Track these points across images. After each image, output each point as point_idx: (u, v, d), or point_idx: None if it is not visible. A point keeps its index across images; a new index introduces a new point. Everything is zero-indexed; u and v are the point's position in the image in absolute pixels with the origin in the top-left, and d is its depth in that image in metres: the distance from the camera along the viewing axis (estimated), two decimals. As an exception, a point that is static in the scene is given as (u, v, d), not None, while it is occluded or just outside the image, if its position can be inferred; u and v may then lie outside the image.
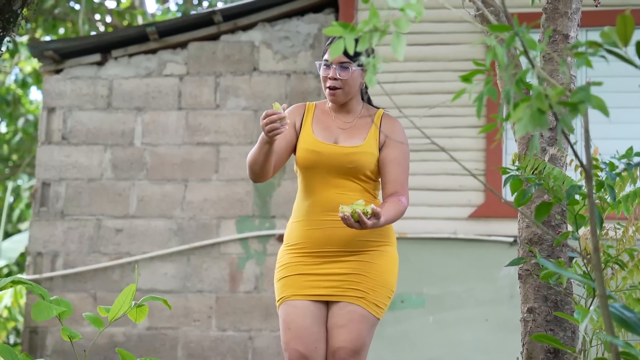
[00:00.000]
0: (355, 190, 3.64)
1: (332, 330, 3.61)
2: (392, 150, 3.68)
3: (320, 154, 3.65)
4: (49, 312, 2.80)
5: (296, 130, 3.76)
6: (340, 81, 3.65)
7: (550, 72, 3.43)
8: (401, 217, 3.64)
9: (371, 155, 3.66)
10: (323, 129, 3.74)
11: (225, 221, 7.63)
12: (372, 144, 3.68)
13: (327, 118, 3.77)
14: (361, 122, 3.74)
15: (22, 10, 3.62)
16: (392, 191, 3.66)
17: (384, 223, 3.50)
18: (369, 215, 3.39)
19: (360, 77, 3.70)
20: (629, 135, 6.72)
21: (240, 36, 7.88)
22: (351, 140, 3.69)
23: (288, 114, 3.76)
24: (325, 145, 3.67)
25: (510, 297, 6.98)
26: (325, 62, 3.67)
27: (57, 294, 7.65)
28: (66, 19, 13.29)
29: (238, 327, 7.48)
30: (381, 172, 3.70)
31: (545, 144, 3.46)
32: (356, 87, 3.70)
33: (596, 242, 1.88)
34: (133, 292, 2.92)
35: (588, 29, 6.66)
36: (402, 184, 3.68)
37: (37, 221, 7.83)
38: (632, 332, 1.90)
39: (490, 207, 7.08)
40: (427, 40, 7.35)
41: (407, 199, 3.67)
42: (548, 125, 1.68)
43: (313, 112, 3.80)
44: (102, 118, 7.90)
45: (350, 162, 3.63)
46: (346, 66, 3.63)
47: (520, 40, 1.80)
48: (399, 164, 3.68)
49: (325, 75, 3.68)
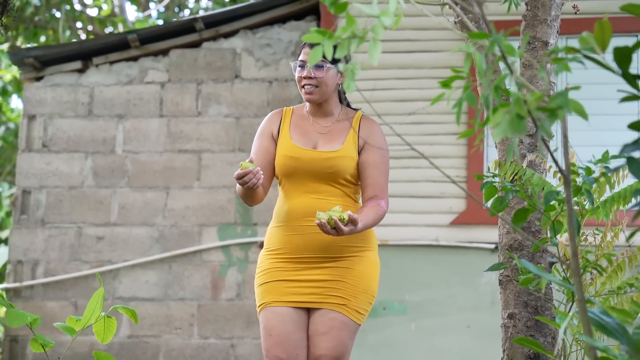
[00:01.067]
0: (336, 195, 3.64)
1: (313, 338, 3.60)
2: (371, 154, 3.67)
3: (299, 160, 3.64)
4: (23, 319, 2.78)
5: (274, 139, 3.75)
6: (316, 79, 3.64)
7: (530, 78, 3.44)
8: (380, 221, 3.64)
9: (350, 159, 3.65)
10: (301, 134, 3.73)
11: (207, 228, 7.62)
12: (351, 148, 3.67)
13: (305, 123, 3.76)
14: (340, 126, 3.73)
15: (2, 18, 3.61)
16: (371, 195, 3.65)
17: (362, 228, 3.50)
18: (345, 221, 3.40)
19: (336, 77, 3.69)
20: (607, 142, 6.73)
21: (222, 43, 7.88)
22: (330, 145, 3.68)
23: (266, 124, 3.77)
24: (303, 150, 3.67)
25: (491, 303, 6.99)
26: (300, 62, 3.67)
27: (37, 302, 7.62)
28: (47, 26, 13.25)
29: (220, 334, 7.47)
30: (360, 175, 3.68)
31: (525, 150, 3.48)
32: (332, 86, 3.68)
33: (575, 248, 1.89)
34: (102, 298, 2.90)
35: (568, 36, 6.70)
36: (382, 187, 3.67)
37: (18, 229, 7.79)
38: (611, 337, 1.91)
39: (471, 214, 7.10)
40: (408, 47, 7.37)
41: (386, 203, 3.66)
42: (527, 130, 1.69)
43: (290, 118, 3.78)
44: (83, 125, 7.87)
45: (330, 167, 3.62)
46: (320, 65, 3.62)
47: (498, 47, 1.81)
48: (378, 167, 3.67)
49: (300, 76, 3.67)
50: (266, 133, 3.76)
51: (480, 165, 7.08)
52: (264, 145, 3.74)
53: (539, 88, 3.36)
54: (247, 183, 3.43)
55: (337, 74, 3.68)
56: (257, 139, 3.77)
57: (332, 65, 3.63)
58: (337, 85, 3.72)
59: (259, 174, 3.44)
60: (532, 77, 3.45)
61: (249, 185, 3.43)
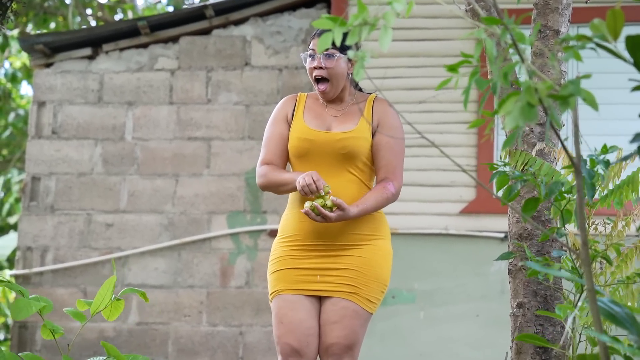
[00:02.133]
0: (350, 181, 3.62)
1: (325, 326, 3.60)
2: (384, 135, 3.65)
3: (313, 142, 3.63)
4: (28, 310, 2.78)
5: (288, 123, 3.74)
6: (326, 70, 3.62)
7: (541, 66, 3.43)
8: (387, 204, 3.63)
9: (364, 139, 3.63)
10: (315, 117, 3.71)
11: (217, 216, 7.62)
12: (364, 129, 3.65)
13: (318, 107, 3.74)
14: (353, 109, 3.71)
15: (12, 4, 3.60)
16: (383, 177, 3.64)
17: (358, 212, 3.52)
18: (329, 208, 3.42)
19: (347, 67, 3.67)
20: (618, 132, 6.71)
21: (232, 31, 7.87)
22: (343, 126, 3.66)
23: (280, 108, 3.76)
24: (317, 132, 3.65)
25: (501, 292, 6.98)
26: (310, 51, 3.66)
27: (46, 288, 7.64)
28: (57, 13, 13.25)
29: (229, 322, 7.47)
30: (374, 157, 3.66)
31: (535, 139, 3.46)
32: (343, 76, 3.66)
33: (585, 237, 1.87)
34: (113, 285, 2.90)
35: (579, 25, 6.66)
36: (394, 169, 3.65)
37: (27, 216, 7.81)
38: (620, 327, 1.90)
39: (481, 202, 7.09)
40: (419, 35, 7.35)
41: (395, 185, 3.63)
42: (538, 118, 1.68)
43: (305, 102, 3.77)
44: (92, 112, 7.87)
45: (344, 148, 3.60)
46: (331, 54, 3.61)
47: (509, 34, 1.79)
48: (391, 149, 3.65)
49: (311, 66, 3.66)
50: (280, 118, 3.75)
51: (490, 154, 7.06)
52: (278, 130, 3.73)
53: (550, 77, 3.34)
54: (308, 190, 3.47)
55: (348, 63, 3.67)
56: (270, 125, 3.76)
57: (342, 55, 3.62)
58: (348, 75, 3.70)
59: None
60: (542, 66, 3.43)
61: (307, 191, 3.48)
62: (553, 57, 1.94)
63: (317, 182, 3.47)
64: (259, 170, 3.71)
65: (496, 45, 1.83)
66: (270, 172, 3.67)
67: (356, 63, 1.94)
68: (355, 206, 3.51)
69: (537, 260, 3.07)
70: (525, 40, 1.78)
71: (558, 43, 1.87)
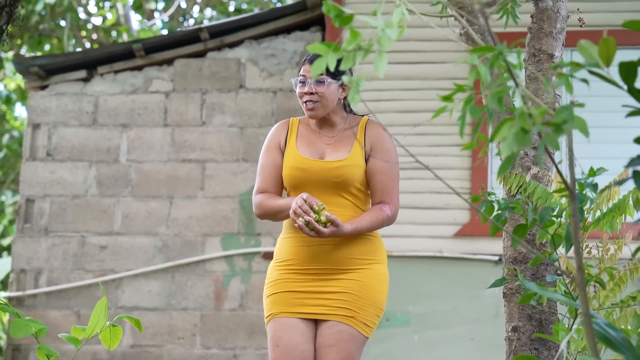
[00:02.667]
0: (345, 206, 3.62)
1: (320, 350, 3.59)
2: (378, 160, 3.66)
3: (306, 171, 3.63)
4: (27, 330, 2.77)
5: (282, 151, 3.74)
6: (317, 95, 3.62)
7: (535, 91, 3.44)
8: (383, 226, 3.63)
9: (358, 167, 3.63)
10: (307, 144, 3.71)
11: (211, 238, 7.61)
12: (358, 156, 3.65)
13: (311, 134, 3.74)
14: (346, 134, 3.71)
15: (7, 27, 3.61)
16: (378, 201, 3.65)
17: (352, 230, 3.52)
18: (323, 223, 3.42)
19: (338, 92, 3.68)
20: (610, 155, 6.74)
21: (226, 53, 7.89)
22: (336, 154, 3.66)
23: (273, 136, 3.76)
24: (310, 161, 3.65)
25: (495, 315, 6.98)
26: (301, 77, 3.66)
27: (40, 311, 7.61)
28: (52, 35, 13.27)
29: (223, 345, 7.45)
30: (369, 182, 3.66)
31: (529, 162, 3.47)
32: (334, 100, 3.66)
33: (580, 261, 1.88)
34: (105, 307, 2.89)
35: (573, 48, 6.70)
36: (390, 192, 3.65)
37: (21, 238, 7.79)
38: (616, 351, 1.90)
39: (475, 225, 7.09)
40: (412, 59, 7.38)
41: (392, 208, 3.64)
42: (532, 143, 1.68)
43: (297, 129, 3.77)
44: (87, 134, 7.88)
45: (337, 177, 3.61)
46: (322, 80, 3.61)
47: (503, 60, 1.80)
48: (386, 174, 3.65)
49: (301, 92, 3.66)
50: (273, 146, 3.75)
51: (484, 177, 7.07)
52: (271, 159, 3.73)
53: (544, 101, 3.35)
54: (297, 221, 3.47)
55: (339, 88, 3.67)
56: (264, 153, 3.76)
57: (333, 80, 3.62)
58: (339, 100, 3.70)
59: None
60: (536, 90, 3.44)
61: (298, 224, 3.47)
62: (547, 82, 1.95)
63: (307, 200, 3.48)
64: (254, 200, 3.72)
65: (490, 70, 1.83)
66: (265, 201, 3.68)
67: (351, 88, 1.95)
68: (349, 224, 3.52)
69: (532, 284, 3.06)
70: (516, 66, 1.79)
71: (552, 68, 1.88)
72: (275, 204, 3.64)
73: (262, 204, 3.68)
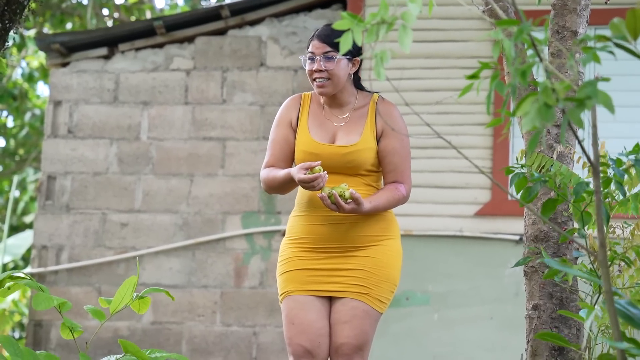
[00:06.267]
0: (357, 184, 3.61)
1: (335, 326, 3.60)
2: (390, 140, 3.64)
3: (318, 156, 3.60)
4: (49, 302, 2.78)
5: (293, 128, 3.73)
6: (327, 72, 3.59)
7: (558, 67, 3.41)
8: (398, 205, 3.63)
9: (369, 150, 3.62)
10: (319, 126, 3.69)
11: (231, 216, 7.63)
12: (369, 138, 3.64)
13: (322, 113, 3.73)
14: (357, 115, 3.69)
15: (29, 2, 3.61)
16: (391, 180, 3.65)
17: (370, 209, 3.52)
18: (346, 198, 3.40)
19: (348, 67, 3.65)
20: (635, 134, 6.69)
21: (247, 31, 7.87)
22: (348, 138, 3.64)
23: (284, 112, 3.74)
24: (322, 146, 3.63)
25: (515, 295, 6.96)
26: (309, 54, 3.63)
27: (61, 287, 7.66)
28: (74, 13, 13.29)
29: (242, 322, 7.48)
30: (381, 162, 3.66)
31: (552, 140, 3.45)
32: (344, 77, 3.63)
33: (603, 238, 1.86)
34: (134, 285, 2.90)
35: (597, 26, 6.63)
36: (402, 172, 3.66)
37: (43, 214, 7.83)
38: (638, 329, 1.89)
39: (496, 205, 7.06)
40: (435, 37, 7.33)
41: (406, 187, 3.65)
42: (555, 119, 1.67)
43: (309, 106, 3.75)
44: (108, 112, 7.89)
45: (349, 162, 3.60)
46: (331, 56, 3.58)
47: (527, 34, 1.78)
48: (398, 153, 3.65)
49: (310, 69, 3.63)
50: (284, 122, 3.74)
51: (505, 156, 7.04)
52: (283, 134, 3.72)
53: (568, 77, 3.32)
54: (315, 187, 3.44)
55: (349, 64, 3.64)
56: (275, 128, 3.75)
57: (342, 57, 3.59)
58: (349, 75, 3.67)
59: (325, 177, 3.45)
60: (560, 66, 3.41)
61: (316, 189, 3.44)
62: (571, 57, 1.93)
63: (303, 166, 3.46)
64: (260, 175, 3.73)
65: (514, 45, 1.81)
66: (268, 174, 3.68)
67: (376, 63, 1.93)
68: (368, 202, 3.51)
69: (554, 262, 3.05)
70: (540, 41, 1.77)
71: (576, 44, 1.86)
72: (276, 175, 3.64)
73: (265, 178, 3.68)
